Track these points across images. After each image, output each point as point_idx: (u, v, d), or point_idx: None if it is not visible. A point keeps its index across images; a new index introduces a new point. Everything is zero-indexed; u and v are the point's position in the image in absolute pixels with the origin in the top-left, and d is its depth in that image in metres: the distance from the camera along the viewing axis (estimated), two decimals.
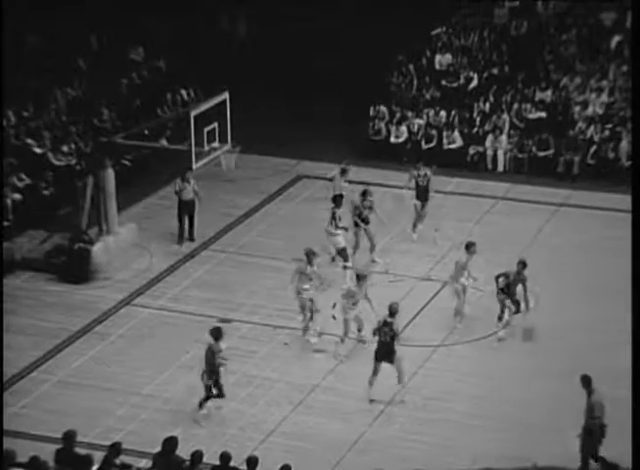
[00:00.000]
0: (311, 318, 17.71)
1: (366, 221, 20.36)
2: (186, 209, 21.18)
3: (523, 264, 17.67)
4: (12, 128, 24.03)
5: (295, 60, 29.41)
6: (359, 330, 17.59)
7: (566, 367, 16.63)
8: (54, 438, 13.70)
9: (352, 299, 17.21)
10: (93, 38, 28.09)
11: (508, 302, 17.76)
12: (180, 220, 21.26)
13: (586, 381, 13.86)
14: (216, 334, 15.42)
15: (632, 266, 11.57)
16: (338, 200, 19.86)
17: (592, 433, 13.68)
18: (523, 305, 17.78)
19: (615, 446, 13.81)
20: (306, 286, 17.57)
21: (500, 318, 17.90)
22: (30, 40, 26.77)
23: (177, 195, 21.17)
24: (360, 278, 17.32)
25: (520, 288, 17.63)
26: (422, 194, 21.45)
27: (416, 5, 28.79)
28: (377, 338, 16.01)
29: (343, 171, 21.79)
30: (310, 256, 17.59)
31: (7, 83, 24.72)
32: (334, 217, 19.69)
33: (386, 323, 15.95)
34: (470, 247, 18.23)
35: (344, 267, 19.47)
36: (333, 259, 20.13)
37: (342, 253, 19.74)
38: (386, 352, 15.96)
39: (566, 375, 16.24)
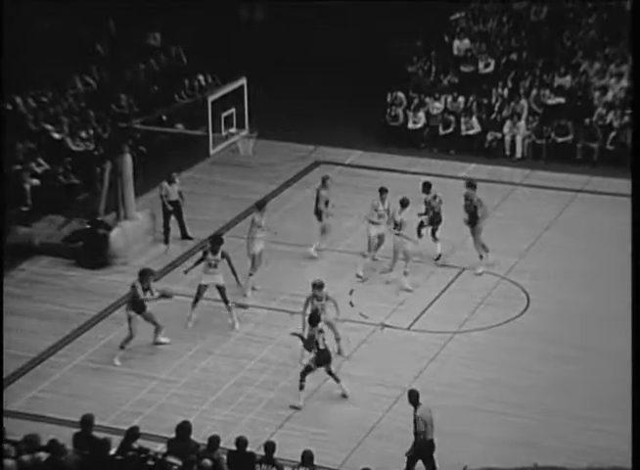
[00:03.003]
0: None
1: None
2: (173, 210, 20.99)
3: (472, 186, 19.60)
4: (31, 114, 24.11)
5: (312, 46, 29.34)
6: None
7: (579, 352, 16.61)
8: (72, 421, 13.80)
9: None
10: (112, 24, 28.10)
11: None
12: (165, 222, 20.92)
13: (413, 396, 13.58)
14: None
15: (632, 264, 11.50)
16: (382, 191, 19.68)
17: (415, 446, 13.52)
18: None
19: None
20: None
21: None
22: (49, 26, 26.80)
23: (163, 198, 20.80)
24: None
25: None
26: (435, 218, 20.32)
27: None
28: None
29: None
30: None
31: (26, 69, 24.85)
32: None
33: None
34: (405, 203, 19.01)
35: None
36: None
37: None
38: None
39: (579, 360, 16.24)
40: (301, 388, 15.59)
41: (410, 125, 26.08)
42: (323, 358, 15.57)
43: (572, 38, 27.24)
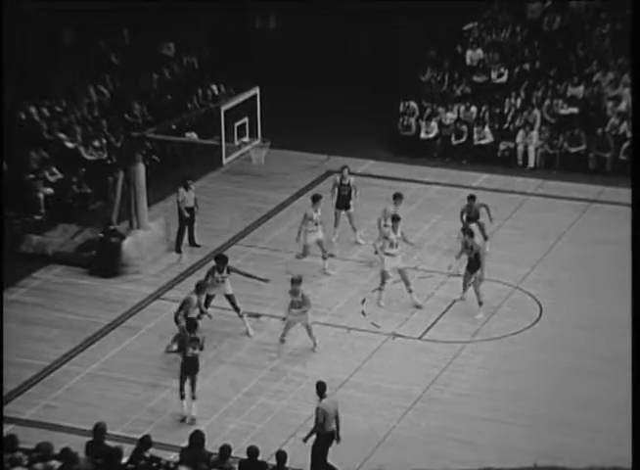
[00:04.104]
0: None
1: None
2: (187, 217, 21.07)
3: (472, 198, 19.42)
4: (45, 123, 24.22)
5: (325, 55, 29.40)
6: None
7: (595, 363, 16.55)
8: (84, 430, 13.83)
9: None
10: (126, 34, 28.22)
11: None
12: (181, 228, 20.99)
13: (320, 387, 13.78)
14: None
15: (632, 267, 11.45)
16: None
17: (318, 438, 13.69)
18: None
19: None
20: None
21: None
22: (64, 36, 26.94)
23: (179, 204, 20.87)
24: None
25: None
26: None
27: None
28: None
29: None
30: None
31: (40, 78, 24.98)
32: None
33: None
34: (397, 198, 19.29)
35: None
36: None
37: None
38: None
39: (595, 371, 16.18)
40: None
41: (422, 135, 26.09)
42: None
43: (586, 48, 27.21)
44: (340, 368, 16.97)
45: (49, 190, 22.60)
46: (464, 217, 20.20)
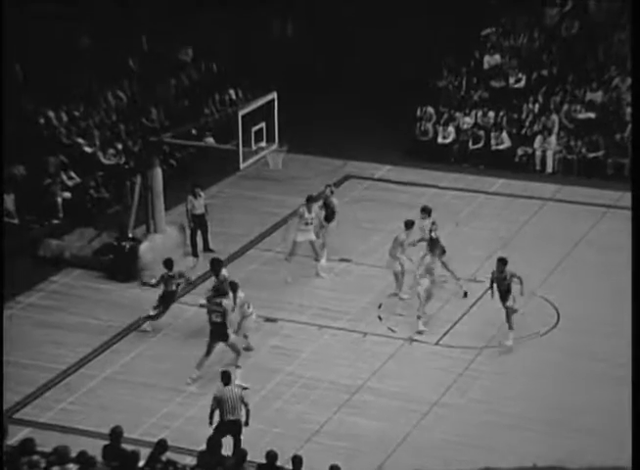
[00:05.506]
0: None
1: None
2: (198, 223, 21.01)
3: (502, 262, 17.29)
4: (63, 127, 24.33)
5: (342, 60, 29.42)
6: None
7: (612, 368, 16.47)
8: (101, 433, 13.86)
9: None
10: (144, 39, 28.33)
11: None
12: (193, 235, 20.98)
13: (224, 377, 14.32)
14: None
15: (632, 271, 11.38)
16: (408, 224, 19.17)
17: (218, 426, 14.17)
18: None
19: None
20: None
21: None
22: (83, 42, 27.07)
23: (189, 212, 20.91)
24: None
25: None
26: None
27: (466, 5, 28.66)
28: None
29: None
30: None
31: (59, 83, 25.09)
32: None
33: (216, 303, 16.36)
34: (409, 225, 18.55)
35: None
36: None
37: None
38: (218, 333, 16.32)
39: (613, 377, 16.10)
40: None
41: (440, 140, 26.06)
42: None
43: (604, 53, 27.12)
44: (356, 373, 16.95)
45: (67, 194, 22.69)
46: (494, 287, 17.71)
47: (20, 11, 24.61)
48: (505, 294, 17.37)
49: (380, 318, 18.55)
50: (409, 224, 18.97)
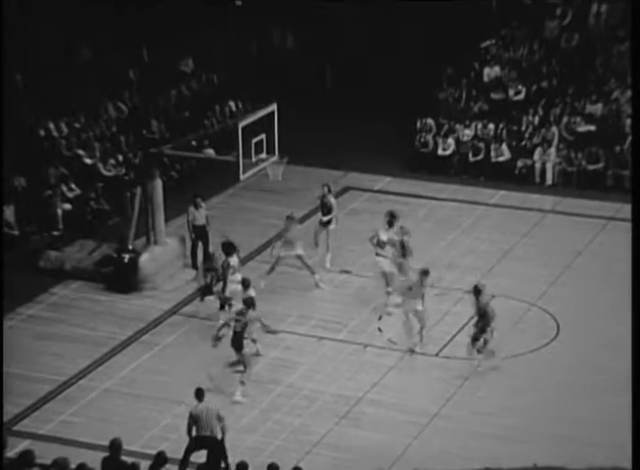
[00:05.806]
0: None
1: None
2: (199, 234, 20.99)
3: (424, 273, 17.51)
4: (64, 139, 24.36)
5: (341, 72, 29.47)
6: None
7: (613, 381, 16.45)
8: (101, 445, 13.84)
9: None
10: (144, 50, 28.40)
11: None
12: (193, 246, 20.95)
13: (198, 393, 14.28)
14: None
15: (632, 283, 11.40)
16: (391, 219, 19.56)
17: (190, 441, 14.18)
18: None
19: None
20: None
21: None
22: (83, 53, 27.14)
23: (190, 223, 20.87)
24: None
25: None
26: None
27: (465, 17, 28.73)
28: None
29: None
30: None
31: (60, 95, 25.13)
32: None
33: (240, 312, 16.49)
34: (426, 273, 17.68)
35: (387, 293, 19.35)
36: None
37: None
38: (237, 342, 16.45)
39: (614, 389, 16.07)
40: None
41: (440, 152, 26.09)
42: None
43: (604, 66, 27.17)
44: (356, 385, 16.93)
45: (67, 206, 22.71)
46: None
47: (20, 21, 24.70)
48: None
49: (380, 330, 18.53)
50: (391, 223, 19.24)
